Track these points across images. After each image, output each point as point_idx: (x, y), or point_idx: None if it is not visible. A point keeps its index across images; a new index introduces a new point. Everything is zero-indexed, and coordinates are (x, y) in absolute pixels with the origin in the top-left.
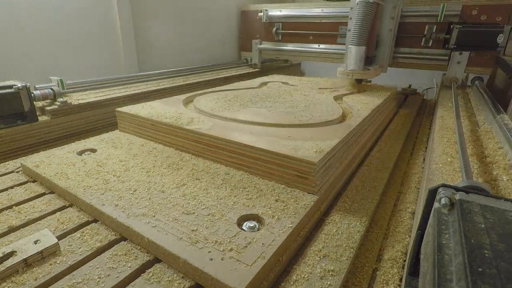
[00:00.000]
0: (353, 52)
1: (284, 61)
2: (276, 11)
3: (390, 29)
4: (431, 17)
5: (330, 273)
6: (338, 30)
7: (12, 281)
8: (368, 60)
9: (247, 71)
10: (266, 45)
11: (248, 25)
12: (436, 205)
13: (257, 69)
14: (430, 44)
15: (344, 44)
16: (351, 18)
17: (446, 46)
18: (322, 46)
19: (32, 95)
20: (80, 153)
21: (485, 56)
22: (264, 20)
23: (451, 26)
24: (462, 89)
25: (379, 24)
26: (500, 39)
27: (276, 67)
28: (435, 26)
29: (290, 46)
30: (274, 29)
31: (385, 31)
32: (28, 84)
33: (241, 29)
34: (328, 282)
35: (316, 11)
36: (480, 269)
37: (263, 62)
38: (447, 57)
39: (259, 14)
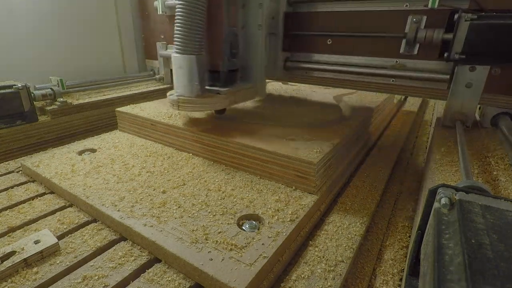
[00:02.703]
0: (176, 66)
1: None
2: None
3: (260, 24)
4: (415, 2)
5: (330, 273)
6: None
7: (12, 281)
8: (220, 77)
9: (154, 88)
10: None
11: (149, 21)
12: (436, 205)
13: (167, 85)
14: (415, 52)
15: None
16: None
17: (446, 54)
18: None
19: (32, 95)
20: (80, 153)
21: None
22: (161, 12)
23: (455, 17)
24: (475, 132)
25: (240, 16)
26: None
27: None
28: (424, 17)
29: None
30: None
31: (253, 28)
32: (28, 84)
33: (141, 27)
34: (328, 282)
35: None
36: (480, 269)
37: None
38: (446, 76)
39: (155, 3)
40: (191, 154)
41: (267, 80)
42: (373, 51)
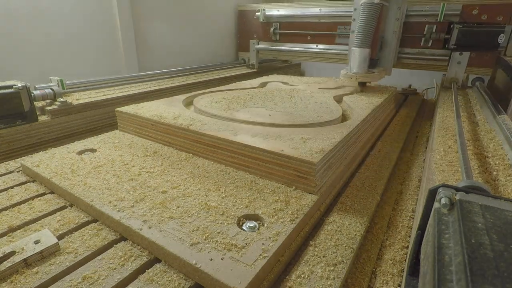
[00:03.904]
0: (356, 55)
1: (283, 61)
2: (274, 11)
3: (395, 31)
4: (430, 17)
5: (330, 273)
6: (336, 30)
7: (12, 281)
8: (372, 63)
9: (245, 72)
10: (263, 45)
11: (246, 25)
12: (436, 205)
13: (254, 70)
14: (429, 44)
15: (342, 44)
16: (354, 19)
17: (446, 46)
18: (320, 46)
19: (32, 95)
20: (80, 153)
21: (486, 57)
22: (262, 20)
23: (451, 26)
24: (463, 90)
25: (384, 25)
26: (501, 39)
27: (275, 67)
28: (435, 26)
29: (287, 46)
30: (272, 29)
31: (389, 33)
32: (28, 84)
33: (238, 29)
34: (328, 282)
35: (314, 10)
36: (480, 269)
37: (262, 62)
38: (447, 57)
39: (257, 14)
40: (191, 154)
41: (268, 80)
42: (412, 45)
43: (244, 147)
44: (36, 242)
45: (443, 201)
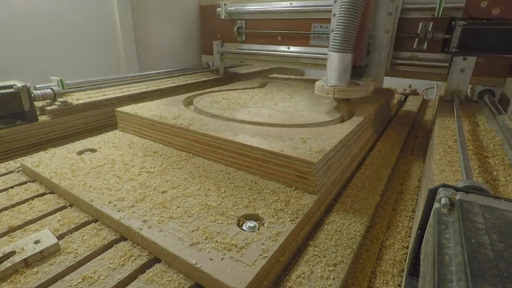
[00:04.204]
0: (334, 62)
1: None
2: (238, 6)
3: (387, 30)
4: (425, 11)
5: (330, 273)
6: (311, 29)
7: (12, 281)
8: (357, 72)
9: (206, 79)
10: (228, 47)
11: (209, 24)
12: (436, 205)
13: (219, 76)
14: (424, 47)
15: (319, 46)
16: (334, 15)
17: (446, 49)
18: (292, 48)
19: (32, 95)
20: (80, 153)
21: (498, 63)
22: (223, 17)
23: (453, 23)
24: (467, 105)
25: (372, 22)
26: None
27: (246, 73)
28: (431, 23)
29: (254, 49)
30: (236, 27)
31: (380, 32)
32: (28, 84)
33: (201, 28)
34: (328, 282)
35: (283, 4)
36: (480, 269)
37: (230, 67)
38: (447, 64)
39: (218, 9)
40: (191, 154)
41: (268, 80)
42: (404, 48)
43: (244, 147)
44: (36, 242)
45: (443, 201)
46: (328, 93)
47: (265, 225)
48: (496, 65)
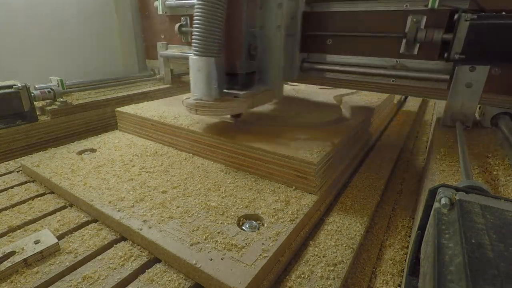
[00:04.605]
0: (194, 68)
1: None
2: None
3: (279, 26)
4: (417, 3)
5: (330, 273)
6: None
7: (12, 281)
8: (238, 80)
9: (150, 89)
10: (173, 50)
11: (150, 21)
12: (436, 205)
13: (167, 85)
14: (415, 52)
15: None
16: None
17: (446, 54)
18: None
19: (32, 95)
20: (80, 153)
21: None
22: (161, 12)
23: (456, 17)
24: (474, 134)
25: (257, 16)
26: None
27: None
28: (425, 18)
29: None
30: (177, 25)
31: (271, 29)
32: (28, 84)
33: (142, 26)
34: (328, 282)
35: None
36: (480, 269)
37: (182, 74)
38: (447, 76)
39: (155, 3)
40: (191, 154)
41: None
42: (373, 51)
43: (244, 147)
44: (36, 242)
45: (443, 201)
46: (191, 109)
47: (265, 225)
48: None
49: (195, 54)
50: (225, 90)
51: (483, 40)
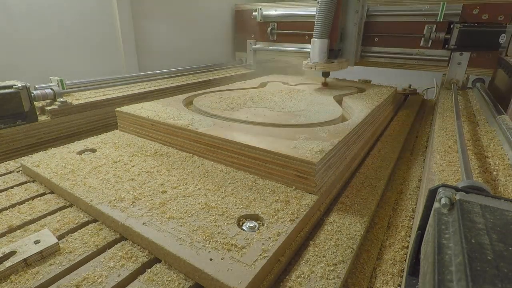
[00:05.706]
0: (315, 45)
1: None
2: (271, 10)
3: (355, 23)
4: (429, 17)
5: (330, 273)
6: None
7: (12, 281)
8: (333, 53)
9: (242, 72)
10: (261, 45)
11: (243, 25)
12: (436, 205)
13: (252, 70)
14: (429, 45)
15: None
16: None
17: (446, 46)
18: None
19: (32, 95)
20: (80, 153)
21: (487, 57)
22: (259, 20)
23: (451, 26)
24: (463, 91)
25: (344, 17)
26: (503, 39)
27: (275, 67)
28: (435, 26)
29: (285, 47)
30: (269, 29)
31: (350, 25)
32: (28, 84)
33: (235, 29)
34: (328, 282)
35: (312, 10)
36: (480, 269)
37: (263, 62)
38: (447, 58)
39: (254, 13)
40: (191, 154)
41: (268, 80)
42: (404, 45)
43: (244, 147)
44: (36, 242)
45: (443, 201)
46: (311, 68)
47: (265, 225)
48: (485, 59)
49: (315, 37)
50: (329, 59)
51: (466, 38)
